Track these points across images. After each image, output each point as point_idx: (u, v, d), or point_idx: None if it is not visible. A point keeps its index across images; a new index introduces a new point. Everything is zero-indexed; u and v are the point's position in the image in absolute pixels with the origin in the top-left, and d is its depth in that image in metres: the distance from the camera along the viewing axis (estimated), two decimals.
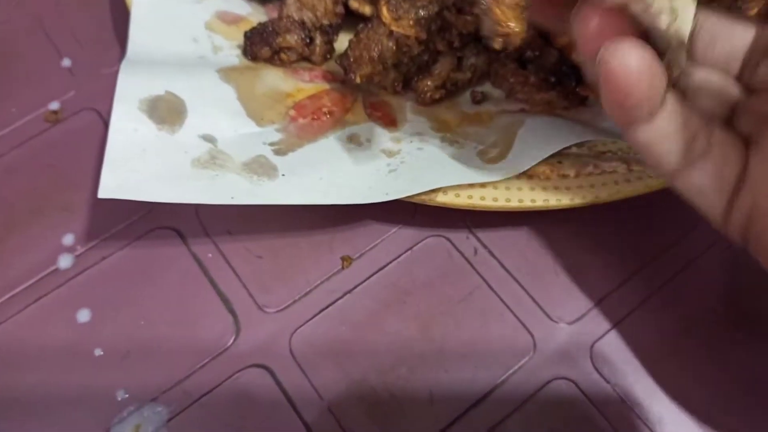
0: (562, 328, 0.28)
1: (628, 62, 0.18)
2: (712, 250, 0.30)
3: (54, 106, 0.34)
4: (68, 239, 0.30)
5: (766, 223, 0.20)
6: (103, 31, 0.37)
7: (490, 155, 0.29)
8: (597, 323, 0.29)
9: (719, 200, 0.21)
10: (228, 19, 0.33)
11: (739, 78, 0.21)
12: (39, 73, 0.35)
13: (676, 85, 0.21)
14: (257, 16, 0.34)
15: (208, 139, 0.28)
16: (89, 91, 0.35)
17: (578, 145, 0.28)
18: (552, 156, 0.27)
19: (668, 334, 0.28)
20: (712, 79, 0.21)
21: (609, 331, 0.28)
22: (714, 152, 0.20)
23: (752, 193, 0.20)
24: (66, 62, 0.36)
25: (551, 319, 0.29)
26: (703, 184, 0.20)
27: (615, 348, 0.28)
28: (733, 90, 0.21)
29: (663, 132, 0.20)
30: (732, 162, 0.20)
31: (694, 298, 0.29)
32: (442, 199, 0.27)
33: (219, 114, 0.28)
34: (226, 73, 0.30)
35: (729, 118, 0.21)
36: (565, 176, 0.27)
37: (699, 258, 0.30)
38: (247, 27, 0.32)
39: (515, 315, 0.29)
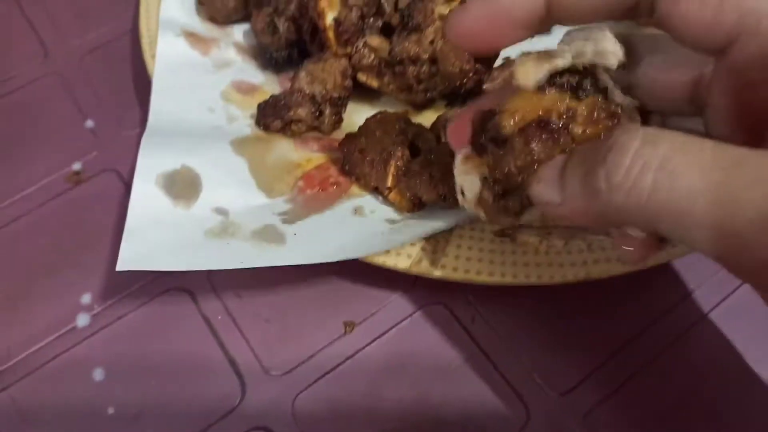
0: (555, 398, 0.29)
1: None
2: (705, 320, 0.31)
3: (76, 166, 0.36)
4: (86, 298, 0.32)
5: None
6: (124, 92, 0.39)
7: None
8: (590, 393, 0.29)
9: None
10: (243, 88, 0.35)
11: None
12: (63, 134, 0.37)
13: None
14: (271, 85, 0.36)
15: (221, 212, 0.29)
16: (110, 152, 0.36)
17: None
18: (540, 228, 0.29)
19: (661, 406, 0.29)
20: None
21: (602, 401, 0.29)
22: None
23: None
24: (89, 123, 0.37)
25: (544, 389, 0.30)
26: None
27: (608, 418, 0.29)
28: None
29: None
30: None
31: (684, 371, 0.30)
32: (439, 273, 0.29)
33: (231, 186, 0.30)
34: (239, 145, 0.32)
35: None
36: (553, 246, 0.29)
37: (692, 328, 0.31)
38: (261, 96, 0.34)
39: (509, 384, 0.30)
